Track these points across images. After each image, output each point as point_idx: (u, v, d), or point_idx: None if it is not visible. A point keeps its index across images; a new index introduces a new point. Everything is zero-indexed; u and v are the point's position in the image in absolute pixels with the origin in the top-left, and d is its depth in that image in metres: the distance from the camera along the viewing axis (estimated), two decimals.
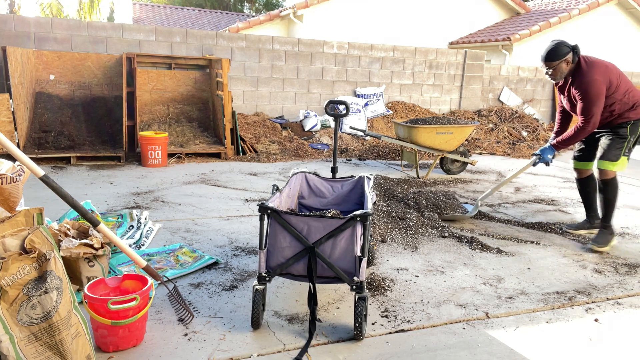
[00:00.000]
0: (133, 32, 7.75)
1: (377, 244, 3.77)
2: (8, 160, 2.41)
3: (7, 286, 1.74)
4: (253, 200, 4.90)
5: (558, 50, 3.63)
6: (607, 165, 3.81)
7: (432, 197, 4.67)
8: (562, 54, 3.63)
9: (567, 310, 2.86)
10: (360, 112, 9.05)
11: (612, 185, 3.84)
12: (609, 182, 3.84)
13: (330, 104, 3.71)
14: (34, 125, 6.73)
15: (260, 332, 2.45)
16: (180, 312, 2.58)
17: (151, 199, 4.79)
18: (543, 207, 5.14)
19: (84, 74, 7.30)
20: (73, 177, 5.58)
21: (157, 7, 20.21)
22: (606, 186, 3.86)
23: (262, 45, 8.66)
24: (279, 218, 2.39)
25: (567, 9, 13.68)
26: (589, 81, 3.60)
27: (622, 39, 14.37)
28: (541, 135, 9.84)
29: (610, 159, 3.80)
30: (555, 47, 3.65)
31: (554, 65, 3.67)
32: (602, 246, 3.85)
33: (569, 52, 3.64)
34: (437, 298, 2.93)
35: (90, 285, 2.30)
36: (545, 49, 3.70)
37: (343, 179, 3.35)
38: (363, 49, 9.42)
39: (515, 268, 3.46)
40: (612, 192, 3.85)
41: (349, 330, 2.50)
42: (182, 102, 7.80)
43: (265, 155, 7.30)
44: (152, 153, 6.25)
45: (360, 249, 2.39)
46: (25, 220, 1.99)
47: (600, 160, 3.85)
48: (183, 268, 3.13)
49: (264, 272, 2.44)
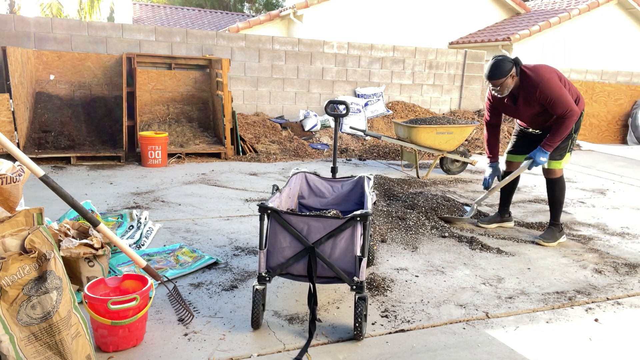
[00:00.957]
0: (133, 32, 7.75)
1: (377, 244, 3.77)
2: (8, 160, 2.41)
3: (7, 286, 1.74)
4: (253, 200, 4.90)
5: (502, 67, 3.60)
6: (555, 164, 3.88)
7: (431, 199, 4.66)
8: (506, 70, 3.60)
9: (567, 310, 2.86)
10: (360, 112, 9.05)
11: (560, 183, 3.95)
12: (557, 180, 3.93)
13: (330, 104, 3.70)
14: (34, 125, 6.73)
15: (260, 332, 2.45)
16: (180, 312, 2.58)
17: (151, 199, 4.79)
18: (543, 207, 5.14)
19: (84, 74, 7.30)
20: (73, 177, 5.58)
21: (157, 7, 20.21)
22: (555, 185, 3.95)
23: (262, 45, 8.66)
24: (279, 218, 2.39)
25: (567, 9, 13.67)
26: (546, 81, 3.59)
27: (622, 39, 14.36)
28: None
29: (557, 158, 3.86)
30: (498, 64, 3.61)
31: (500, 83, 3.65)
32: (550, 242, 3.94)
33: (512, 67, 3.62)
34: (437, 298, 2.93)
35: (90, 285, 2.30)
36: (488, 68, 3.66)
37: (343, 179, 3.35)
38: (363, 49, 9.42)
39: (515, 268, 3.46)
40: (560, 190, 3.96)
41: (349, 330, 2.50)
42: (182, 102, 7.80)
43: (265, 155, 7.30)
44: (152, 153, 6.25)
45: (360, 249, 2.39)
46: (25, 220, 1.99)
47: (548, 160, 3.86)
48: (183, 268, 3.13)
49: (264, 272, 2.44)
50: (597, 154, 9.29)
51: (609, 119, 11.28)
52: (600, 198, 5.70)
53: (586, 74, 11.52)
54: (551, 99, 3.59)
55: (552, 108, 3.63)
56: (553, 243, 3.94)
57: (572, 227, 4.49)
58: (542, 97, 3.62)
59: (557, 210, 4.00)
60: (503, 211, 4.37)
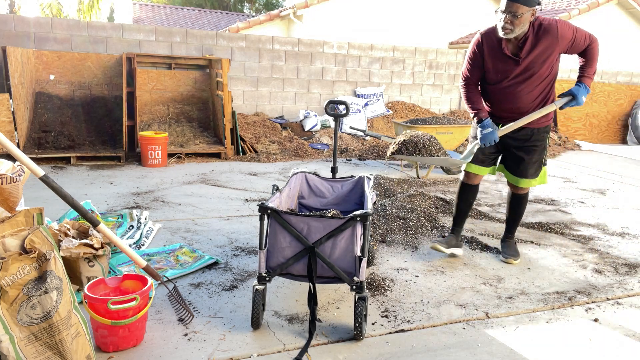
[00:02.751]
0: (133, 32, 7.75)
1: (377, 244, 3.77)
2: (8, 160, 2.41)
3: (7, 286, 1.74)
4: (253, 200, 4.90)
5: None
6: (531, 183, 3.38)
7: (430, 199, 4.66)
8: (534, 1, 2.93)
9: (567, 310, 2.86)
10: (360, 112, 9.05)
11: (526, 198, 3.53)
12: (526, 195, 3.52)
13: (330, 104, 3.70)
14: (34, 125, 6.73)
15: (260, 332, 2.45)
16: (180, 312, 2.58)
17: (151, 199, 4.79)
18: (543, 207, 5.14)
19: (84, 74, 7.30)
20: (73, 177, 5.58)
21: (157, 7, 20.21)
22: (523, 200, 3.51)
23: (262, 45, 8.66)
24: (279, 218, 2.39)
25: (567, 9, 13.68)
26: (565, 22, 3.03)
27: (622, 39, 14.36)
28: None
29: (535, 175, 3.38)
30: None
31: (521, 12, 2.89)
32: (518, 258, 3.55)
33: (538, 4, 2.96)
34: (437, 298, 2.93)
35: (90, 285, 2.30)
36: None
37: (343, 179, 3.35)
38: (363, 49, 9.42)
39: (515, 268, 3.46)
40: (525, 204, 3.56)
41: (349, 330, 2.50)
42: (182, 102, 7.80)
43: (265, 155, 7.30)
44: (152, 153, 6.25)
45: (360, 249, 2.39)
46: (25, 220, 1.99)
47: (523, 179, 3.36)
48: (183, 268, 3.13)
49: (264, 272, 2.44)
50: (597, 154, 9.29)
51: (609, 119, 11.28)
52: (600, 198, 5.70)
53: None
54: (574, 30, 3.01)
55: (576, 42, 3.05)
56: (519, 258, 3.56)
57: (572, 227, 4.49)
58: (563, 32, 2.99)
59: (517, 225, 3.64)
60: (459, 231, 3.62)
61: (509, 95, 3.18)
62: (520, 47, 3.04)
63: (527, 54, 3.05)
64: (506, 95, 3.19)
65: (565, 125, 10.89)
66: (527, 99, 3.16)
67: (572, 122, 11.00)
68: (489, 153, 3.38)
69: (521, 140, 3.28)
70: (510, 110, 3.22)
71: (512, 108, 3.21)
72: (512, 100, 3.18)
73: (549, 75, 3.14)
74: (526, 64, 3.07)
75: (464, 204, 3.55)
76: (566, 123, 10.92)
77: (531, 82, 3.12)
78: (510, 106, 3.21)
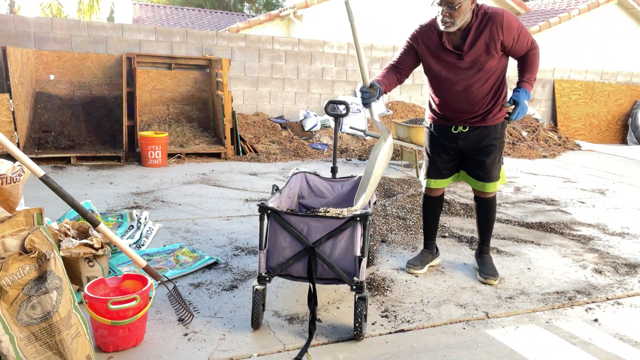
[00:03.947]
0: (133, 32, 7.75)
1: (377, 244, 3.77)
2: (8, 160, 2.41)
3: (7, 286, 1.74)
4: (253, 200, 4.90)
5: None
6: (494, 186, 3.15)
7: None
8: None
9: (567, 310, 2.86)
10: (360, 112, 9.05)
11: (495, 201, 3.25)
12: (494, 199, 3.23)
13: (330, 104, 3.70)
14: (34, 125, 6.73)
15: (260, 332, 2.45)
16: (180, 312, 2.58)
17: (151, 199, 4.79)
18: (543, 207, 5.14)
19: (84, 74, 7.30)
20: (73, 177, 5.58)
21: (157, 7, 20.21)
22: (492, 204, 3.22)
23: (262, 45, 8.66)
24: (279, 218, 2.39)
25: (567, 9, 13.67)
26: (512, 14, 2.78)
27: (622, 39, 14.36)
28: (541, 135, 9.84)
29: (496, 178, 3.13)
30: None
31: (460, 2, 2.63)
32: (497, 277, 3.21)
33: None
34: (437, 298, 2.93)
35: (90, 285, 2.30)
36: None
37: (343, 179, 3.35)
38: (363, 49, 9.41)
39: (515, 268, 3.46)
40: (495, 208, 3.27)
41: (349, 330, 2.50)
42: (182, 102, 7.80)
43: (265, 155, 7.30)
44: (152, 153, 6.25)
45: (360, 249, 2.39)
46: (25, 220, 1.99)
47: (486, 183, 3.11)
48: (183, 268, 3.13)
49: (264, 272, 2.44)
50: (597, 154, 9.29)
51: (609, 119, 11.28)
52: (600, 198, 5.70)
53: (586, 74, 11.52)
54: (520, 26, 2.77)
55: (520, 40, 2.80)
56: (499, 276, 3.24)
57: (572, 227, 4.49)
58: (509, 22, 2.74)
59: (491, 233, 3.33)
60: (432, 245, 3.43)
61: (459, 94, 2.93)
62: (464, 39, 2.79)
63: (471, 47, 2.78)
64: (457, 94, 2.93)
65: (565, 125, 10.89)
66: (478, 96, 2.90)
67: (572, 122, 11.01)
68: (446, 162, 3.17)
69: (476, 142, 3.03)
70: (462, 110, 2.97)
71: (464, 108, 2.96)
72: (462, 100, 2.93)
73: (498, 68, 2.88)
74: (471, 58, 2.81)
75: (431, 218, 3.38)
76: (566, 123, 10.92)
77: (479, 77, 2.85)
78: (461, 106, 2.96)
